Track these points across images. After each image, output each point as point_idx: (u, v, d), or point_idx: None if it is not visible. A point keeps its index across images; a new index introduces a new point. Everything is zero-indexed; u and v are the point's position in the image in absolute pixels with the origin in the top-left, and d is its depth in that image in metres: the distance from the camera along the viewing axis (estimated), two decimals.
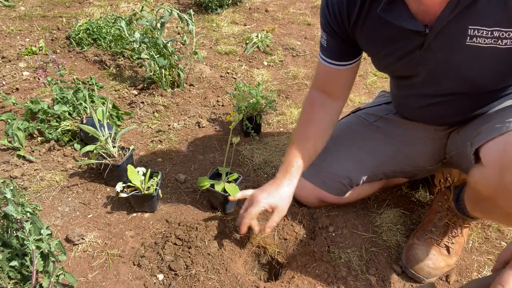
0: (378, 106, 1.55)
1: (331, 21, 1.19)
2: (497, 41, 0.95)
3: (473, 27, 0.95)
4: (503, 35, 0.93)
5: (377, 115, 1.50)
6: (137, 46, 2.29)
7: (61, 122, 1.87)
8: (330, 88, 1.35)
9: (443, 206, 1.38)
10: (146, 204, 1.50)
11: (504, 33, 0.92)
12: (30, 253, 1.07)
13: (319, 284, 1.28)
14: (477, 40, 0.97)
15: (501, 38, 0.93)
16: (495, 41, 0.95)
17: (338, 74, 1.30)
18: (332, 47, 1.26)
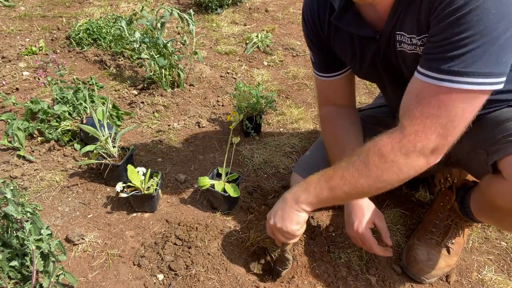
0: (379, 108, 1.55)
1: (310, 35, 1.24)
2: (416, 48, 0.99)
3: (399, 33, 1.00)
4: (417, 43, 0.97)
5: (376, 117, 1.50)
6: (137, 46, 2.29)
7: (61, 122, 1.87)
8: (334, 99, 1.36)
9: (445, 207, 1.38)
10: (146, 204, 1.50)
11: (418, 40, 0.96)
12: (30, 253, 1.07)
13: (319, 284, 1.28)
14: (402, 46, 1.02)
15: (418, 45, 0.98)
16: (415, 47, 0.99)
17: (335, 85, 1.32)
18: (319, 61, 1.30)
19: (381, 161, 0.92)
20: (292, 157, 1.88)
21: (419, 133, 0.87)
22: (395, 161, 0.91)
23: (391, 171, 0.92)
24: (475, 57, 0.79)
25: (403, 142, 0.89)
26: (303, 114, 2.24)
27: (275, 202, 1.56)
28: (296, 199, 1.08)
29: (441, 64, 0.83)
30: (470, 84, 0.81)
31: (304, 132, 2.08)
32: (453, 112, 0.84)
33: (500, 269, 1.40)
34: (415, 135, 0.87)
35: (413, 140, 0.88)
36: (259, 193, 1.64)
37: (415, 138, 0.88)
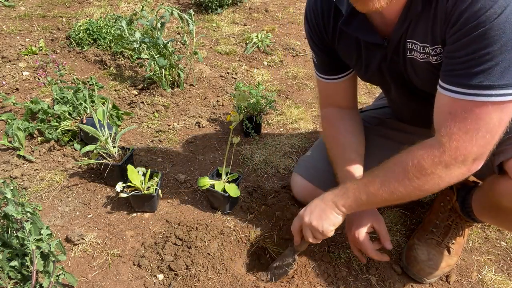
0: (381, 109, 1.55)
1: (313, 37, 1.23)
2: (429, 57, 1.00)
3: (410, 41, 1.01)
4: (430, 52, 0.98)
5: (379, 118, 1.50)
6: (137, 46, 2.29)
7: (61, 122, 1.87)
8: (336, 101, 1.36)
9: (445, 207, 1.38)
10: (146, 204, 1.50)
11: (431, 50, 0.97)
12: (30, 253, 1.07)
13: (319, 284, 1.28)
14: (413, 54, 1.03)
15: (431, 55, 0.98)
16: (427, 56, 1.00)
17: (338, 87, 1.32)
18: (322, 63, 1.29)
19: (421, 173, 0.94)
20: (292, 157, 1.88)
21: (460, 148, 0.89)
22: (436, 173, 0.93)
23: (432, 182, 0.95)
24: (503, 70, 0.81)
25: (444, 157, 0.91)
26: (303, 114, 2.24)
27: (275, 202, 1.57)
28: (335, 201, 1.10)
29: (470, 80, 0.85)
30: (502, 96, 0.83)
31: (304, 132, 2.08)
32: (491, 124, 0.86)
33: (500, 269, 1.40)
34: (456, 150, 0.90)
35: (454, 155, 0.90)
36: (259, 193, 1.64)
37: (456, 153, 0.90)
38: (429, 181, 0.95)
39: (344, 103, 1.36)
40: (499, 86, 0.83)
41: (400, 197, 1.02)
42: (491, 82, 0.83)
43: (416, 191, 0.98)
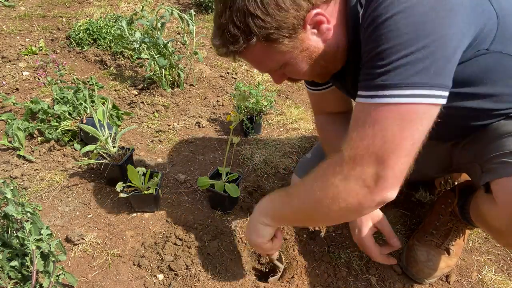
0: None
1: None
2: None
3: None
4: None
5: None
6: (137, 46, 2.29)
7: (61, 122, 1.87)
8: (326, 109, 1.37)
9: (446, 210, 1.37)
10: (146, 204, 1.50)
11: None
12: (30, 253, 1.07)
13: (319, 284, 1.28)
14: None
15: None
16: None
17: (326, 96, 1.32)
18: None
19: (323, 184, 0.87)
20: (292, 157, 1.88)
21: (356, 157, 0.80)
22: (335, 184, 0.84)
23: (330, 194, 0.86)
24: (394, 69, 0.75)
25: (343, 165, 0.83)
26: (303, 114, 2.24)
27: None
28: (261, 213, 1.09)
29: (369, 81, 0.80)
30: (398, 97, 0.75)
31: (304, 132, 2.08)
32: (389, 132, 0.76)
33: (500, 269, 1.40)
34: (353, 160, 0.81)
35: (351, 164, 0.81)
36: (259, 193, 1.64)
37: (353, 162, 0.81)
38: (328, 194, 0.86)
39: (334, 109, 1.36)
40: (392, 86, 0.75)
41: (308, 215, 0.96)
42: (384, 81, 0.76)
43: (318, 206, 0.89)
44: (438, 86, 0.76)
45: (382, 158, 0.78)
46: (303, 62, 0.93)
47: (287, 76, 1.02)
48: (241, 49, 0.87)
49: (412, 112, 0.76)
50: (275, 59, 0.91)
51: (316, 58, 0.92)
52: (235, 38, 0.85)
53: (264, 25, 0.82)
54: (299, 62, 0.92)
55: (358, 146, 0.80)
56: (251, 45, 0.85)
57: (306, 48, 0.89)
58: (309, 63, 0.93)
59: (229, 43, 0.87)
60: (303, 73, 0.97)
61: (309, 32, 0.87)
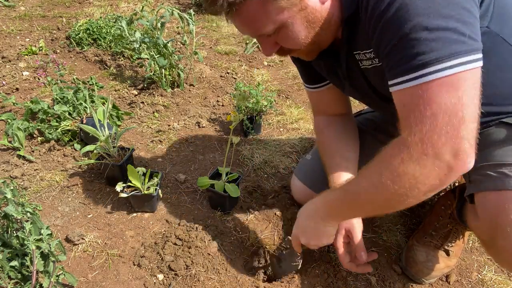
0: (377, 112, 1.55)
1: None
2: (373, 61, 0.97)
3: (356, 53, 0.99)
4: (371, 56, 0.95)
5: (375, 122, 1.50)
6: (137, 46, 2.29)
7: (61, 122, 1.87)
8: (326, 109, 1.36)
9: (446, 211, 1.37)
10: (146, 204, 1.50)
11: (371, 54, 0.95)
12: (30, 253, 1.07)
13: (319, 284, 1.28)
14: (363, 63, 1.00)
15: (372, 58, 0.96)
16: (372, 61, 0.97)
17: (324, 95, 1.31)
18: (303, 73, 1.29)
19: (394, 175, 0.83)
20: (292, 157, 1.88)
21: (424, 141, 0.77)
22: (408, 172, 0.81)
23: (407, 184, 0.82)
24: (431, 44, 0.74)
25: (412, 153, 0.79)
26: (303, 114, 2.24)
27: (275, 202, 1.57)
28: (323, 218, 1.06)
29: (405, 65, 0.78)
30: (442, 70, 0.74)
31: (304, 132, 2.08)
32: (449, 105, 0.75)
33: (500, 269, 1.40)
34: (421, 143, 0.78)
35: (421, 149, 0.78)
36: (259, 193, 1.64)
37: (422, 146, 0.78)
38: (404, 184, 0.82)
39: (332, 110, 1.35)
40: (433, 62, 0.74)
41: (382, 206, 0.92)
42: (425, 60, 0.75)
43: (395, 197, 0.85)
44: (475, 50, 0.76)
45: (452, 133, 0.75)
46: (300, 25, 0.89)
47: (279, 46, 0.97)
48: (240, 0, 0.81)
49: (461, 79, 0.75)
50: (271, 17, 0.85)
51: (312, 21, 0.89)
52: None
53: None
54: (296, 24, 0.88)
55: (422, 129, 0.77)
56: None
57: (304, 7, 0.86)
58: (305, 27, 0.90)
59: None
60: (298, 39, 0.92)
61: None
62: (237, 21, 0.89)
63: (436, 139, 0.76)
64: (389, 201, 0.88)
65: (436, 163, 0.78)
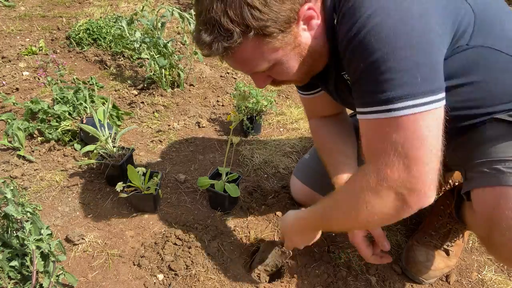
0: None
1: None
2: None
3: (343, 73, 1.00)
4: None
5: None
6: (137, 46, 2.29)
7: (61, 122, 1.87)
8: (318, 112, 1.37)
9: (445, 211, 1.37)
10: (146, 204, 1.50)
11: None
12: (30, 253, 1.07)
13: (319, 284, 1.28)
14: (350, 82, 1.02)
15: None
16: None
17: (318, 101, 1.32)
18: None
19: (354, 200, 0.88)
20: (292, 157, 1.88)
21: (380, 172, 0.80)
22: (366, 200, 0.84)
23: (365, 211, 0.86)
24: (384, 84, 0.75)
25: (370, 182, 0.83)
26: (303, 114, 2.24)
27: (275, 202, 1.57)
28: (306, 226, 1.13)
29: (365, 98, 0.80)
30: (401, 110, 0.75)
31: (304, 132, 2.08)
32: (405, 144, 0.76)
33: (500, 269, 1.39)
34: (377, 174, 0.81)
35: (377, 180, 0.81)
36: (259, 193, 1.64)
37: (378, 177, 0.81)
38: (362, 210, 0.86)
39: (326, 112, 1.36)
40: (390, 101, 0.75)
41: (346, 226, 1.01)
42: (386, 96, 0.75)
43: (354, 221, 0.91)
44: (429, 92, 0.76)
45: (405, 170, 0.78)
46: (294, 60, 0.90)
47: (271, 79, 0.99)
48: (235, 45, 0.81)
49: (417, 120, 0.76)
50: (266, 56, 0.87)
51: (305, 55, 0.90)
52: (229, 32, 0.79)
53: (262, 16, 0.78)
54: (290, 60, 0.90)
55: (378, 161, 0.81)
56: (246, 40, 0.81)
57: (298, 44, 0.87)
58: (299, 62, 0.91)
59: (221, 38, 0.80)
60: (291, 73, 0.94)
61: (301, 27, 0.86)
62: (231, 61, 0.90)
63: (389, 173, 0.79)
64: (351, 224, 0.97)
65: (391, 194, 0.81)
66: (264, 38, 0.82)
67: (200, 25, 0.82)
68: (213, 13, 0.78)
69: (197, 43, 0.85)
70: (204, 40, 0.82)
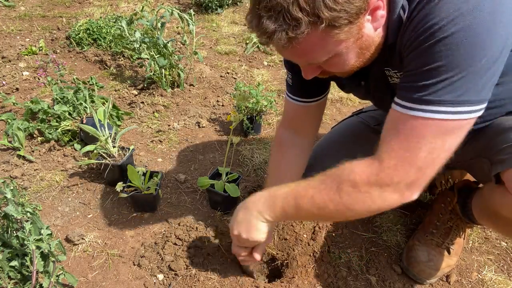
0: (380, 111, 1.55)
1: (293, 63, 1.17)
2: None
3: (386, 68, 0.99)
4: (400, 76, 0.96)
5: (378, 120, 1.50)
6: (137, 46, 2.29)
7: (61, 122, 1.87)
8: (298, 126, 1.31)
9: (446, 208, 1.37)
10: (146, 204, 1.50)
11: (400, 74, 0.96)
12: (30, 253, 1.07)
13: (319, 284, 1.28)
14: (393, 79, 1.01)
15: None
16: None
17: (306, 111, 1.28)
18: (297, 85, 1.23)
19: (354, 190, 0.86)
20: None
21: (398, 167, 0.81)
22: (370, 193, 0.85)
23: (363, 203, 0.86)
24: (448, 86, 0.76)
25: (381, 175, 0.83)
26: None
27: None
28: (261, 212, 1.03)
29: (414, 93, 0.80)
30: (444, 113, 0.77)
31: None
32: (433, 144, 0.79)
33: (500, 269, 1.40)
34: (394, 169, 0.82)
35: (391, 174, 0.82)
36: None
37: (394, 172, 0.82)
38: (360, 201, 0.86)
39: (304, 129, 1.32)
40: (440, 103, 0.77)
41: (329, 214, 0.92)
42: (433, 97, 0.77)
43: (345, 210, 0.88)
44: (482, 101, 0.79)
45: (423, 169, 0.81)
46: (353, 53, 0.86)
47: (322, 69, 0.94)
48: (302, 35, 0.74)
49: (455, 127, 0.79)
50: (328, 49, 0.81)
51: (365, 48, 0.87)
52: (297, 22, 0.72)
53: (335, 6, 0.72)
54: (349, 53, 0.85)
55: (401, 156, 0.81)
56: (314, 31, 0.74)
57: (361, 36, 0.83)
58: (357, 54, 0.87)
59: (287, 28, 0.73)
60: (348, 66, 0.89)
61: (366, 18, 0.81)
62: (289, 52, 0.84)
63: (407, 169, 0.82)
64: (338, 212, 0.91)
65: (395, 191, 0.84)
66: (332, 29, 0.76)
67: (262, 11, 0.75)
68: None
69: (256, 29, 0.78)
70: (267, 28, 0.75)
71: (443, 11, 0.75)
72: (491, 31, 0.74)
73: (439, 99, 0.77)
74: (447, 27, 0.74)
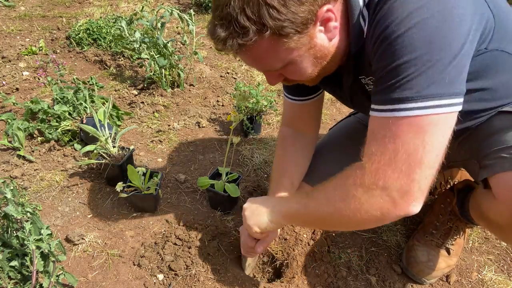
0: None
1: None
2: None
3: (361, 77, 1.00)
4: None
5: None
6: (137, 46, 2.29)
7: (61, 122, 1.87)
8: (297, 123, 1.34)
9: (446, 209, 1.37)
10: (146, 204, 1.50)
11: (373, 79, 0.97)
12: (30, 253, 1.07)
13: (319, 284, 1.28)
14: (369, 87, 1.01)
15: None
16: None
17: (303, 109, 1.30)
18: (291, 86, 1.26)
19: (343, 195, 0.87)
20: None
21: (379, 171, 0.80)
22: (356, 196, 0.84)
23: (352, 206, 0.86)
24: (409, 82, 0.75)
25: (364, 179, 0.83)
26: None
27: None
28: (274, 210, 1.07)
29: (382, 95, 0.80)
30: (411, 110, 0.76)
31: None
32: (411, 145, 0.76)
33: (500, 269, 1.40)
34: (375, 172, 0.81)
35: (373, 178, 0.81)
36: (259, 193, 1.64)
37: (376, 175, 0.81)
38: (349, 205, 0.86)
39: (304, 126, 1.34)
40: (409, 99, 0.75)
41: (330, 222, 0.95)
42: (401, 95, 0.76)
43: (339, 216, 0.89)
44: (453, 94, 0.76)
45: (406, 172, 0.78)
46: (307, 61, 0.90)
47: (284, 77, 0.99)
48: (250, 43, 0.80)
49: (431, 123, 0.76)
50: (280, 56, 0.86)
51: (319, 57, 0.90)
52: (244, 30, 0.78)
53: (279, 16, 0.76)
54: (303, 61, 0.89)
55: (380, 160, 0.80)
56: (261, 38, 0.79)
57: (313, 46, 0.86)
58: (312, 63, 0.91)
59: (237, 35, 0.79)
60: (304, 74, 0.94)
61: (317, 29, 0.84)
62: (245, 57, 0.89)
63: (389, 173, 0.79)
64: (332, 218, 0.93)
65: (383, 195, 0.81)
66: (280, 38, 0.81)
67: (216, 20, 0.82)
68: (230, 9, 0.77)
69: (211, 37, 0.85)
70: (219, 36, 0.82)
71: (395, 11, 0.76)
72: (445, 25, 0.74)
73: (403, 96, 0.76)
74: (400, 25, 0.75)
